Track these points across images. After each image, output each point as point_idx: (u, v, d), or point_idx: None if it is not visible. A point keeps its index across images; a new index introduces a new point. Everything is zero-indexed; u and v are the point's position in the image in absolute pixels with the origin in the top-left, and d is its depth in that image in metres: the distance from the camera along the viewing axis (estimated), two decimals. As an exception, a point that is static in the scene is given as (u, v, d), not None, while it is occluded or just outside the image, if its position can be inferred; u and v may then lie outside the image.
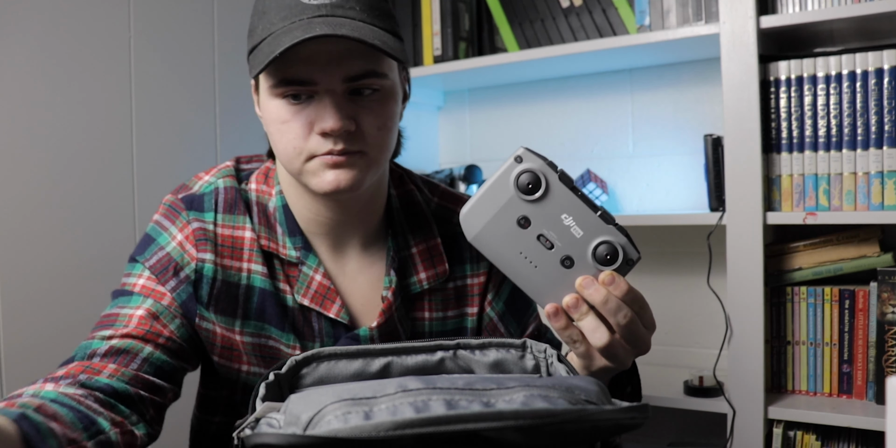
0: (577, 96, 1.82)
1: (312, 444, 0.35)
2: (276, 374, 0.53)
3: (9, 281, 1.21)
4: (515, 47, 1.68)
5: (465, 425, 0.38)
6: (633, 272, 0.63)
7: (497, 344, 0.59)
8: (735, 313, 1.41)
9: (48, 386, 0.69)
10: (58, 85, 1.28)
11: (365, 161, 0.76)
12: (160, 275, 0.79)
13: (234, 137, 1.61)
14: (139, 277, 0.80)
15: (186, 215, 0.81)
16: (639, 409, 0.42)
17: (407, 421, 0.37)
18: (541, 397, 0.42)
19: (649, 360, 1.76)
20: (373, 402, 0.40)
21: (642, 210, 1.75)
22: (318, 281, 0.82)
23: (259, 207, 0.83)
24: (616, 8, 1.56)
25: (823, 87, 1.36)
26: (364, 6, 0.73)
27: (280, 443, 0.35)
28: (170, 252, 0.80)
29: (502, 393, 0.43)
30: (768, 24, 1.36)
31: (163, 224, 0.82)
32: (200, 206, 0.82)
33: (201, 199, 0.82)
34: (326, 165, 0.74)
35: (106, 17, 1.36)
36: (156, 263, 0.80)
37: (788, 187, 1.39)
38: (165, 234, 0.81)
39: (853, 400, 1.38)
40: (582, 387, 0.45)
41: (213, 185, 0.84)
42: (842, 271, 1.41)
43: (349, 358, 0.56)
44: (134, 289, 0.79)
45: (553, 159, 0.62)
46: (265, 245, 0.81)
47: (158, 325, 0.77)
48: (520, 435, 0.39)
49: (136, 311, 0.77)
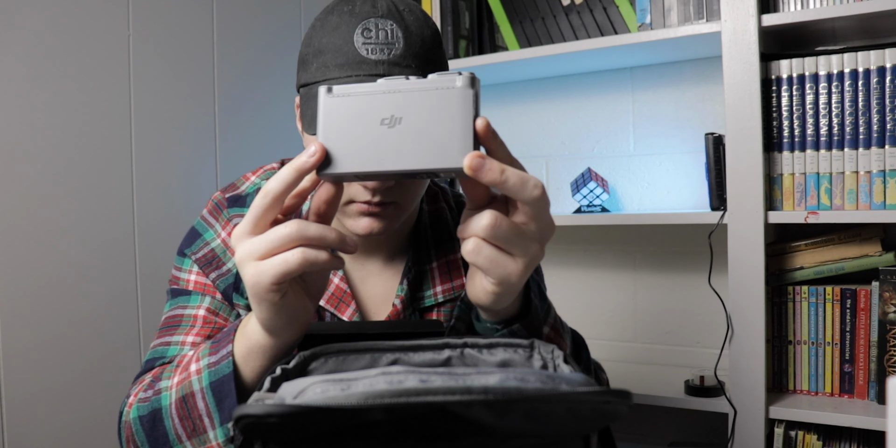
0: (578, 95, 1.82)
1: (289, 413, 0.37)
2: (284, 368, 0.53)
3: (8, 281, 1.21)
4: (516, 46, 1.68)
5: (434, 397, 0.38)
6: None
7: (505, 344, 0.60)
8: (736, 313, 1.40)
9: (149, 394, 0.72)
10: (56, 84, 1.28)
11: (399, 211, 0.79)
12: (205, 267, 0.84)
13: (233, 137, 1.61)
14: (190, 273, 0.85)
15: (228, 213, 0.86)
16: (616, 392, 0.41)
17: (377, 392, 0.38)
18: (516, 379, 0.42)
19: (650, 360, 1.76)
20: (352, 381, 0.42)
21: (643, 209, 1.74)
22: (336, 284, 0.86)
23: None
24: (617, 6, 1.56)
25: (825, 85, 1.35)
26: (420, 62, 0.74)
27: (258, 412, 0.37)
28: (214, 248, 0.85)
29: (479, 376, 0.43)
30: (770, 23, 1.35)
31: (208, 220, 0.87)
32: (244, 204, 0.86)
33: (245, 199, 0.87)
34: (362, 213, 0.77)
35: (105, 17, 1.36)
36: (202, 257, 0.85)
37: (790, 186, 1.39)
38: (211, 230, 0.86)
39: (854, 400, 1.37)
40: (567, 377, 0.45)
41: (257, 186, 0.88)
42: (843, 271, 1.40)
43: (358, 353, 0.57)
44: (188, 286, 0.84)
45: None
46: None
47: (220, 319, 0.82)
48: (490, 413, 0.39)
49: (198, 310, 0.82)
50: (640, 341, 1.77)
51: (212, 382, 0.63)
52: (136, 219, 1.41)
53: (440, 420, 0.39)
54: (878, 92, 1.31)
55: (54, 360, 1.26)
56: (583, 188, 1.62)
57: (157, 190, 1.44)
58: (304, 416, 0.37)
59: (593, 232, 1.81)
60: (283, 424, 0.38)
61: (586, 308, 1.83)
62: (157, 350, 0.80)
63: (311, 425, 0.38)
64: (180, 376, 0.66)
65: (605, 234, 1.80)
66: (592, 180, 1.62)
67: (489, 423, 0.40)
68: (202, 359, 0.65)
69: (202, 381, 0.63)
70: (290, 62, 1.78)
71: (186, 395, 0.64)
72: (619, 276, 1.78)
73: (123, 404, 0.72)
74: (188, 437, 0.64)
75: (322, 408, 0.37)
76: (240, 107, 1.63)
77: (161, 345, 0.80)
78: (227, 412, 0.62)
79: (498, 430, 0.41)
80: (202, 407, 0.63)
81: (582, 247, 1.83)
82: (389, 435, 0.40)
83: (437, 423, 0.40)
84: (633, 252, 1.76)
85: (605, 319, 1.81)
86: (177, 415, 0.65)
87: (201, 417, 0.63)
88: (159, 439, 0.66)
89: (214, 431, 0.63)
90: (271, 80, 1.73)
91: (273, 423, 0.37)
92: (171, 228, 1.45)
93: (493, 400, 0.39)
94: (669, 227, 1.70)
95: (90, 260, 1.33)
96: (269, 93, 1.72)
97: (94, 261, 1.33)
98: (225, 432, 0.63)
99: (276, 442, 0.41)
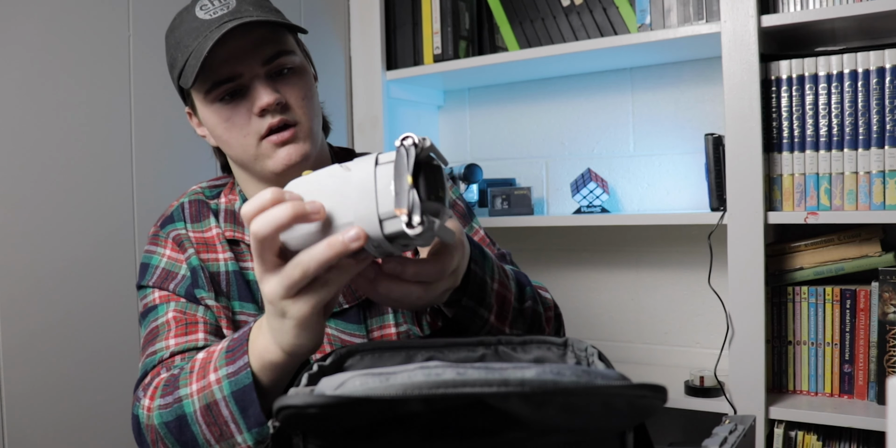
0: (578, 95, 1.82)
1: (330, 403, 0.37)
2: (321, 365, 0.54)
3: (8, 280, 1.20)
4: (516, 46, 1.68)
5: (472, 389, 0.38)
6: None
7: (538, 341, 0.60)
8: (736, 313, 1.41)
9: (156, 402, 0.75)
10: (56, 84, 1.28)
11: (304, 132, 0.87)
12: (163, 283, 0.89)
13: (233, 137, 1.61)
14: (152, 294, 0.90)
15: (164, 232, 0.93)
16: (651, 387, 0.41)
17: (416, 383, 0.39)
18: (552, 373, 0.42)
19: (650, 360, 1.76)
20: (391, 374, 0.42)
21: (643, 209, 1.74)
22: None
23: (227, 212, 0.95)
24: (617, 7, 1.56)
25: (825, 86, 1.35)
26: (255, 7, 0.86)
27: (299, 403, 0.37)
28: (164, 267, 0.91)
29: (516, 370, 0.43)
30: (769, 23, 1.35)
31: (151, 249, 0.94)
32: (172, 220, 0.94)
33: (171, 216, 0.95)
34: (275, 145, 0.85)
35: (105, 17, 1.36)
36: (157, 279, 0.90)
37: (790, 187, 1.39)
38: (155, 255, 0.93)
39: (854, 400, 1.37)
40: (602, 373, 0.45)
41: (180, 203, 0.96)
42: (843, 271, 1.41)
43: (393, 351, 0.58)
44: (154, 302, 0.88)
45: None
46: (230, 235, 0.92)
47: (188, 316, 0.86)
48: (526, 406, 0.39)
49: (167, 315, 0.86)
50: (640, 341, 1.77)
51: (233, 392, 0.65)
52: (136, 218, 1.40)
53: (477, 413, 0.39)
54: (877, 92, 1.31)
55: (54, 359, 1.26)
56: (583, 189, 1.62)
57: (157, 190, 1.44)
58: (345, 406, 0.37)
59: (593, 232, 1.81)
60: (323, 416, 0.38)
61: (586, 308, 1.83)
62: (147, 361, 0.82)
63: (351, 417, 0.38)
64: (199, 385, 0.68)
65: (604, 234, 1.80)
66: (592, 181, 1.62)
67: (525, 416, 0.40)
68: (220, 369, 0.67)
69: (223, 391, 0.66)
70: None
71: (210, 403, 0.66)
72: (619, 276, 1.78)
73: (136, 408, 0.75)
74: (216, 441, 0.67)
75: (362, 398, 0.37)
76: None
77: (148, 356, 0.83)
78: (253, 419, 0.65)
79: (534, 424, 0.40)
80: (227, 414, 0.65)
81: (582, 247, 1.83)
82: (427, 429, 0.40)
83: (474, 417, 0.40)
84: (633, 252, 1.76)
85: (606, 319, 1.81)
86: (203, 421, 0.67)
87: (227, 424, 0.66)
88: (188, 443, 0.69)
89: (242, 435, 0.65)
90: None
91: (313, 415, 0.37)
92: (170, 229, 1.45)
93: (530, 392, 0.39)
94: (669, 228, 1.70)
95: (90, 259, 1.33)
96: (268, 93, 1.71)
97: (93, 260, 1.33)
98: (253, 437, 0.65)
99: (316, 435, 0.41)
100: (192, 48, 0.83)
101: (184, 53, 0.85)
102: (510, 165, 1.91)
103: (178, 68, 0.86)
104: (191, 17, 0.86)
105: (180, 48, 0.86)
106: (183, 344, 0.82)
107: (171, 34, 0.89)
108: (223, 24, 0.82)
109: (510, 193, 1.73)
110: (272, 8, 0.90)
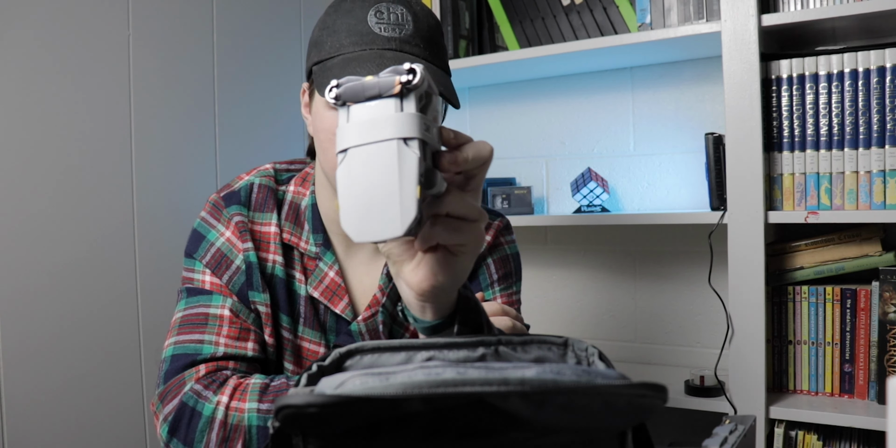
0: (578, 95, 1.82)
1: (330, 403, 0.37)
2: (320, 365, 0.54)
3: (8, 280, 1.20)
4: (516, 46, 1.68)
5: (472, 388, 0.39)
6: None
7: (539, 341, 0.60)
8: (736, 312, 1.40)
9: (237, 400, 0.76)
10: (57, 84, 1.28)
11: None
12: (216, 269, 0.87)
13: (232, 136, 1.61)
14: (203, 274, 0.88)
15: (228, 212, 0.89)
16: (651, 386, 0.40)
17: (416, 382, 0.39)
18: (552, 372, 0.43)
19: (650, 360, 1.76)
20: (391, 374, 0.42)
21: (643, 209, 1.74)
22: (331, 277, 0.90)
23: (292, 206, 0.92)
24: (617, 6, 1.56)
25: (825, 85, 1.35)
26: (427, 44, 0.81)
27: (299, 402, 0.37)
28: (220, 248, 0.88)
29: (516, 369, 0.43)
30: (770, 23, 1.35)
31: (209, 221, 0.90)
32: (238, 199, 0.90)
33: (238, 194, 0.91)
34: None
35: (105, 17, 1.36)
36: (210, 259, 0.88)
37: (790, 186, 1.39)
38: (213, 231, 0.89)
39: (855, 400, 1.37)
40: (603, 372, 0.45)
41: (249, 182, 0.92)
42: (843, 270, 1.40)
43: (393, 351, 0.58)
44: (205, 286, 0.87)
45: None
46: (286, 239, 0.90)
47: (240, 320, 0.85)
48: (527, 405, 0.39)
49: (223, 310, 0.85)
50: (640, 341, 1.77)
51: None
52: (136, 218, 1.40)
53: (477, 413, 0.39)
54: (878, 92, 1.31)
55: (54, 360, 1.26)
56: (583, 188, 1.62)
57: (157, 190, 1.44)
58: (345, 405, 0.37)
59: (593, 232, 1.81)
60: (323, 415, 0.38)
61: (586, 308, 1.83)
62: (189, 346, 0.81)
63: (351, 416, 0.38)
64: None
65: (605, 234, 1.80)
66: (592, 180, 1.62)
67: (526, 416, 0.40)
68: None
69: None
70: (289, 62, 1.78)
71: None
72: (619, 276, 1.78)
73: (201, 404, 0.75)
74: None
75: (362, 397, 0.37)
76: (239, 107, 1.63)
77: (191, 342, 0.82)
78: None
79: (535, 424, 0.40)
80: None
81: (582, 247, 1.83)
82: (427, 429, 0.40)
83: (475, 417, 0.40)
84: (633, 252, 1.76)
85: (605, 319, 1.81)
86: None
87: None
88: None
89: None
90: (271, 80, 1.73)
91: (313, 414, 0.37)
92: (170, 228, 1.45)
93: (530, 391, 0.39)
94: (669, 227, 1.70)
95: (90, 259, 1.33)
96: (268, 93, 1.72)
97: (94, 260, 1.33)
98: None
99: (316, 435, 0.41)
100: (341, 52, 0.79)
101: (332, 48, 0.80)
102: (510, 164, 1.91)
103: (319, 55, 0.81)
104: (363, 14, 0.79)
105: (332, 39, 0.80)
106: (234, 348, 0.82)
107: (333, 15, 0.82)
108: (386, 49, 0.78)
109: (510, 193, 1.73)
110: (440, 44, 0.86)
